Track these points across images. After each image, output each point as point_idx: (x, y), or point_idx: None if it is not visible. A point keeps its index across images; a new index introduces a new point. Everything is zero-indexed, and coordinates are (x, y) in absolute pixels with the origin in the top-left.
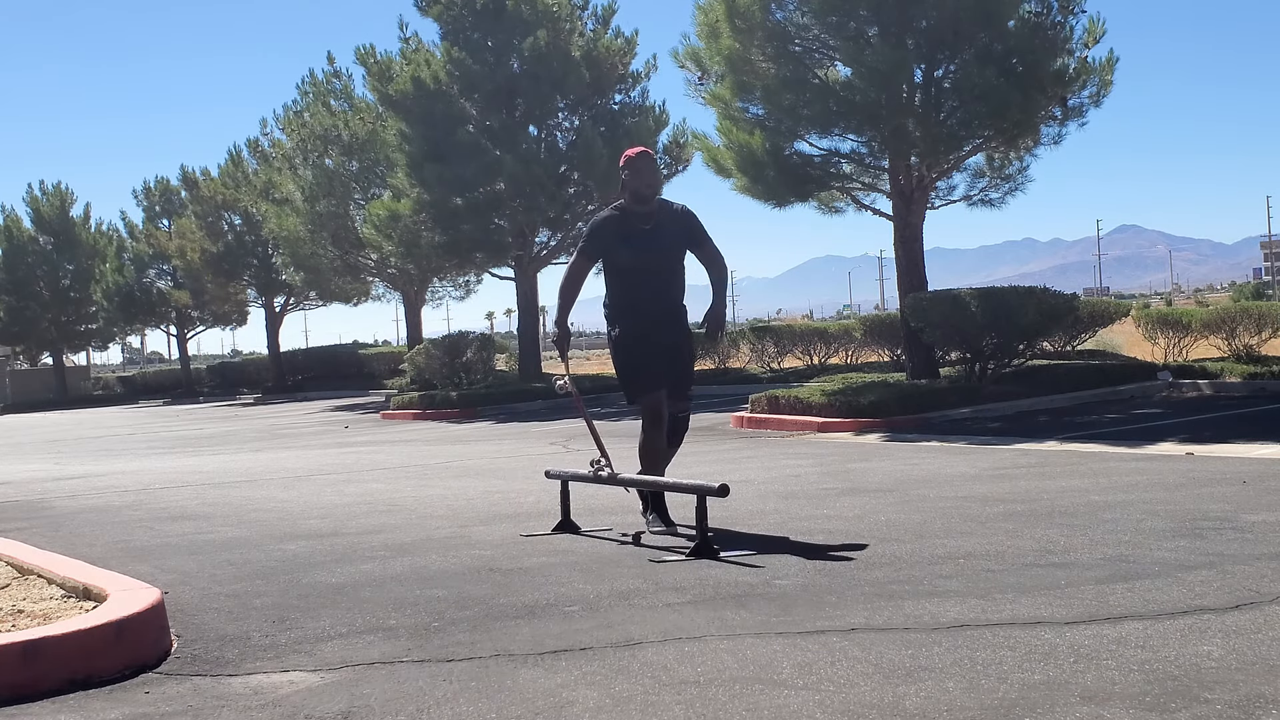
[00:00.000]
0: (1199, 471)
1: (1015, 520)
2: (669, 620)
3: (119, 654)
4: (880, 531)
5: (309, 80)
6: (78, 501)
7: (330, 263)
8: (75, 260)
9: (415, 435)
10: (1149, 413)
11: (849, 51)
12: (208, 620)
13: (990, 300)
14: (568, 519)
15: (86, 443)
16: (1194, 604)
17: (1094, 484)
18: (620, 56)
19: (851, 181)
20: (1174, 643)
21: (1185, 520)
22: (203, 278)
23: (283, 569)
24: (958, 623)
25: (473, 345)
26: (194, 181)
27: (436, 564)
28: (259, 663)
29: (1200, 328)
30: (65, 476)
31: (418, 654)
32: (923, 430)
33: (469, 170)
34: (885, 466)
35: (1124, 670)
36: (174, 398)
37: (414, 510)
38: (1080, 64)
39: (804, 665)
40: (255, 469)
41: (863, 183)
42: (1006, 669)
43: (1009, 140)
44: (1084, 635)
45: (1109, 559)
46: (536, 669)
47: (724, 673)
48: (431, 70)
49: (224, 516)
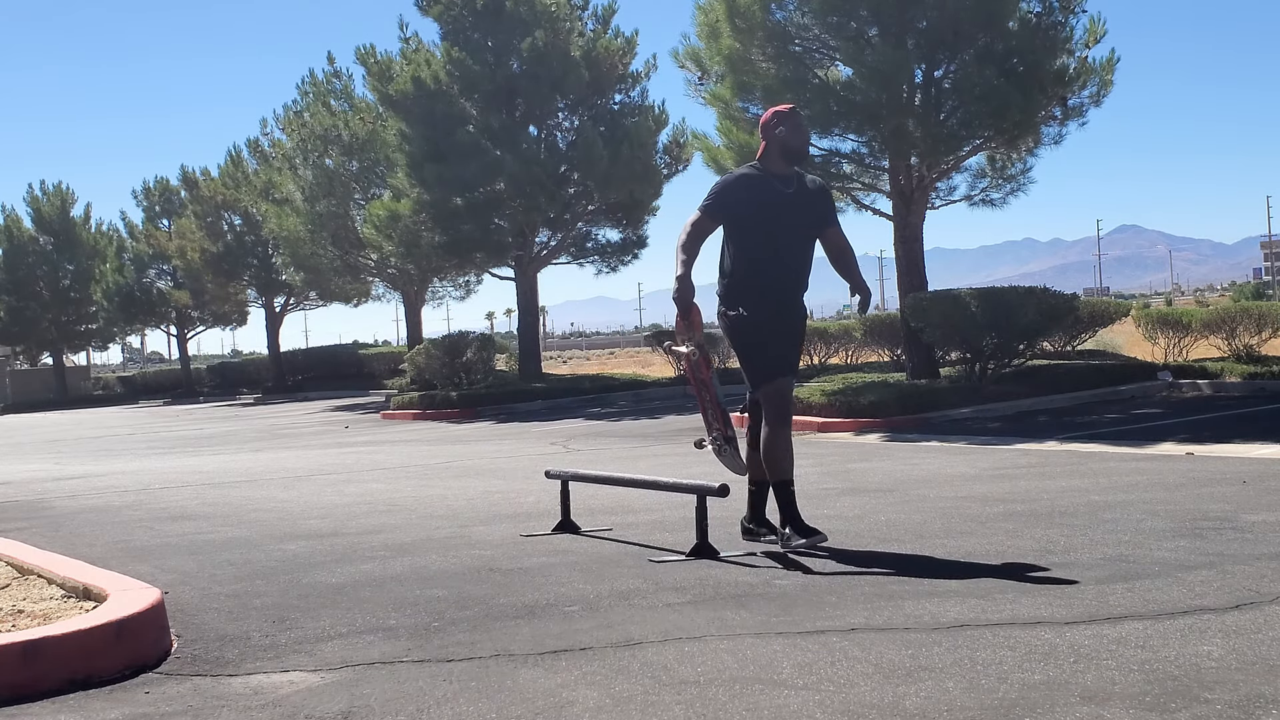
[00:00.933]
0: (1199, 471)
1: (1015, 520)
2: (669, 620)
3: (119, 654)
4: (880, 531)
5: (309, 80)
6: (78, 501)
7: (330, 263)
8: (75, 260)
9: (415, 435)
10: (1149, 413)
11: (849, 51)
12: (208, 620)
13: (990, 300)
14: (568, 519)
15: (86, 443)
16: (1194, 604)
17: (1094, 484)
18: (620, 56)
19: (852, 181)
20: (1174, 643)
21: (1185, 520)
22: (203, 278)
23: (283, 569)
24: (958, 623)
25: (473, 345)
26: (194, 181)
27: (436, 564)
28: (259, 663)
29: (1200, 328)
30: (65, 476)
31: (418, 654)
32: (923, 430)
33: (469, 170)
34: (885, 466)
35: (1124, 670)
36: (174, 398)
37: (414, 510)
38: (1081, 64)
39: (804, 665)
40: (255, 469)
41: (863, 183)
42: (1006, 669)
43: (1010, 140)
44: (1084, 635)
45: (1109, 559)
46: (536, 669)
47: (724, 673)
48: (431, 70)
49: (224, 516)
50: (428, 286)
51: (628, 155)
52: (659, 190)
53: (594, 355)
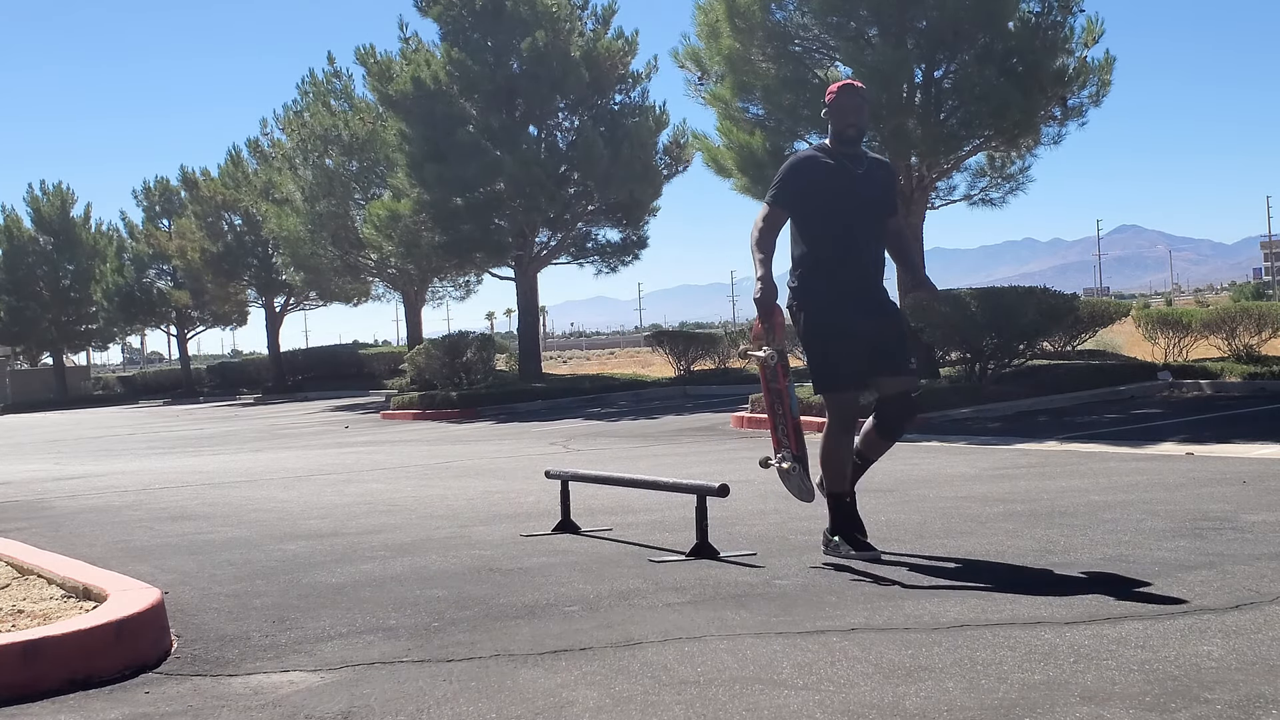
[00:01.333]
0: (1199, 471)
1: (1015, 520)
2: (669, 620)
3: (119, 654)
4: (880, 531)
5: (309, 80)
6: (77, 501)
7: (330, 263)
8: (75, 260)
9: (415, 435)
10: (1149, 413)
11: (849, 52)
12: (208, 620)
13: (990, 300)
14: (568, 519)
15: (86, 443)
16: (1194, 604)
17: (1094, 484)
18: (620, 57)
19: None
20: (1174, 643)
21: (1185, 520)
22: (203, 278)
23: (283, 569)
24: (958, 623)
25: (473, 345)
26: (194, 182)
27: (436, 564)
28: (259, 663)
29: (1200, 328)
30: (65, 476)
31: (418, 654)
32: (922, 430)
33: (469, 170)
34: (885, 466)
35: (1124, 670)
36: (174, 398)
37: (414, 510)
38: (1080, 64)
39: (804, 665)
40: (255, 469)
41: None
42: (1006, 669)
43: (1009, 140)
44: (1084, 635)
45: (1109, 559)
46: (536, 669)
47: (724, 673)
48: (431, 70)
49: (224, 516)
50: (428, 286)
51: (628, 155)
52: (659, 190)
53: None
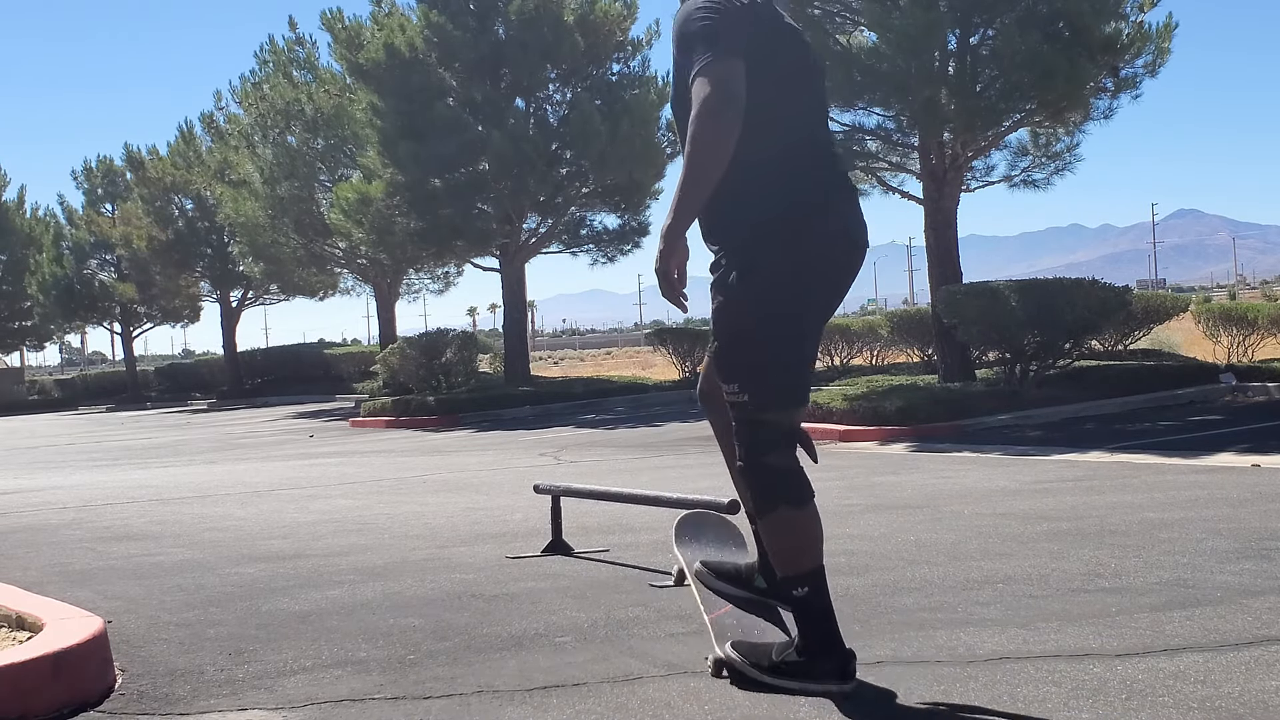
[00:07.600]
0: (1266, 485)
1: (1060, 540)
2: (672, 652)
3: (56, 691)
4: (909, 553)
5: (268, 48)
6: (9, 520)
7: (293, 252)
8: (8, 250)
9: (388, 445)
10: (1210, 419)
11: (874, 15)
12: (156, 652)
13: (1033, 294)
14: (559, 539)
15: (19, 454)
16: (1260, 634)
17: (1148, 499)
18: (618, 22)
19: (877, 161)
20: (1238, 677)
21: (1251, 540)
22: (150, 269)
23: (240, 595)
24: (996, 655)
25: (453, 344)
26: (140, 162)
27: (412, 589)
28: (214, 700)
29: (1268, 324)
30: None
31: (391, 690)
32: (956, 439)
33: (449, 148)
34: (914, 480)
35: (1182, 708)
36: (118, 403)
37: (387, 529)
38: (1135, 29)
39: (824, 705)
40: (209, 483)
41: (890, 162)
42: (1051, 707)
43: (1054, 114)
44: (1137, 669)
45: (1165, 583)
46: (524, 707)
47: (734, 712)
48: (406, 36)
49: (174, 536)
50: (402, 279)
51: (627, 132)
52: (662, 171)
53: (589, 355)
